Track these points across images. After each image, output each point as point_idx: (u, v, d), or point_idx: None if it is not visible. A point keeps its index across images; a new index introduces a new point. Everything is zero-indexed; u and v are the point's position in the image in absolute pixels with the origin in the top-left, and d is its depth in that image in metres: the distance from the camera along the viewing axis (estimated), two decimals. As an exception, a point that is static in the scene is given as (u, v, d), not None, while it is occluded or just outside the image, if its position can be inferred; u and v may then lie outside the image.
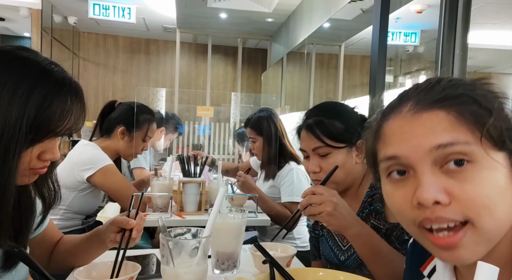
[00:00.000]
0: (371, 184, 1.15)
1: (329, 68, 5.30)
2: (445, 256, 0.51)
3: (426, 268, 0.66)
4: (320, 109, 1.22)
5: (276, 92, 6.19)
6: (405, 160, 0.53)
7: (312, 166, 1.15)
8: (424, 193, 0.49)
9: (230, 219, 1.12)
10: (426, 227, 0.51)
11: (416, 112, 0.54)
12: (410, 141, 0.53)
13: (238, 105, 5.82)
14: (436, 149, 0.50)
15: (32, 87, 0.72)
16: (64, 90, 0.76)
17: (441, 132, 0.51)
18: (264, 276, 0.76)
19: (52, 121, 0.74)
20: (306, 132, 1.16)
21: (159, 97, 5.65)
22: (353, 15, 3.74)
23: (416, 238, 0.55)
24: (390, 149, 0.55)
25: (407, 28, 4.04)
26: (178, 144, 5.71)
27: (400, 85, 4.09)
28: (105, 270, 0.93)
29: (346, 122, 1.15)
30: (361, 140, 1.14)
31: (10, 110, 0.69)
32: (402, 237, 1.02)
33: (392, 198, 0.56)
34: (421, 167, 0.51)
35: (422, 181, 0.51)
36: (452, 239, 0.49)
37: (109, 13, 5.62)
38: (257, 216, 1.88)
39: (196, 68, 7.60)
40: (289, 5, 4.83)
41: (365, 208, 1.14)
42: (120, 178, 1.82)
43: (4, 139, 0.68)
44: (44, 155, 0.78)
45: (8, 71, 0.71)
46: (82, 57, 7.31)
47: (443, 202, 0.49)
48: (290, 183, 2.05)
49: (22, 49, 0.76)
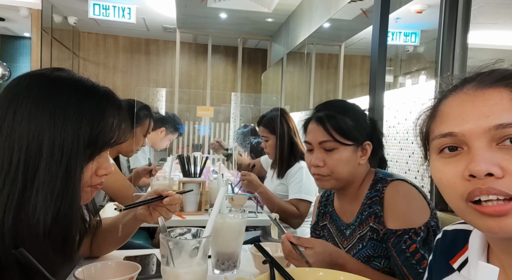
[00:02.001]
0: (371, 185, 1.15)
1: (329, 68, 5.30)
2: (492, 225, 0.50)
3: (456, 261, 0.65)
4: (331, 105, 1.21)
5: (276, 92, 6.19)
6: (461, 137, 0.52)
7: (316, 159, 1.13)
8: (477, 165, 0.49)
9: (230, 219, 1.12)
10: (475, 199, 0.50)
11: (478, 88, 0.53)
12: (469, 118, 0.52)
13: (238, 105, 5.83)
14: (496, 128, 0.50)
15: (82, 105, 0.73)
16: (110, 102, 0.79)
17: (501, 112, 0.50)
18: (264, 276, 0.76)
19: (106, 133, 0.76)
20: (316, 124, 1.15)
21: (159, 97, 5.66)
22: (353, 15, 3.74)
23: (461, 214, 0.54)
24: (446, 125, 0.55)
25: (407, 28, 4.04)
26: (178, 144, 5.72)
27: (400, 85, 4.09)
28: (105, 270, 0.93)
29: (356, 120, 1.15)
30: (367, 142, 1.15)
31: (66, 130, 0.70)
32: (400, 246, 1.00)
33: (441, 173, 0.55)
34: (477, 143, 0.51)
35: (477, 154, 0.50)
36: (501, 207, 0.48)
37: (109, 13, 5.61)
38: (257, 216, 1.88)
39: (196, 68, 7.60)
40: (289, 5, 4.83)
41: (364, 210, 1.13)
42: (120, 178, 1.83)
43: (65, 156, 0.69)
44: (100, 170, 0.80)
45: (55, 94, 0.72)
46: (82, 57, 7.31)
47: (497, 174, 0.48)
48: (299, 180, 2.07)
49: (57, 70, 0.77)
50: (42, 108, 0.70)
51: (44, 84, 0.73)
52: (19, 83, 0.73)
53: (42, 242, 0.68)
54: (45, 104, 0.70)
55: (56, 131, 0.69)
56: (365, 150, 1.15)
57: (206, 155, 3.96)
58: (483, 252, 0.59)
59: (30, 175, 0.67)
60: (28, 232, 0.67)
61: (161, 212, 1.08)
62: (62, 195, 0.69)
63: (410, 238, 1.00)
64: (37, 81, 0.73)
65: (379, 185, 1.12)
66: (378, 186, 1.12)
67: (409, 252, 0.99)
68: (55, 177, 0.68)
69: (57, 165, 0.68)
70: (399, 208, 1.05)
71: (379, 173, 1.17)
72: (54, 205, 0.68)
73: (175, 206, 1.10)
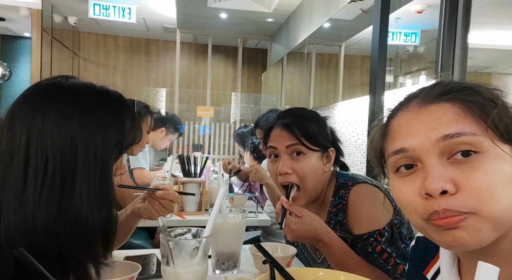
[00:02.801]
0: (334, 192, 1.14)
1: (329, 68, 5.30)
2: (448, 239, 0.51)
3: (429, 272, 0.66)
4: (294, 112, 1.20)
5: (276, 92, 6.19)
6: (412, 153, 0.54)
7: (284, 166, 1.08)
8: (432, 183, 0.50)
9: (230, 219, 1.12)
10: (433, 220, 0.51)
11: (422, 105, 0.55)
12: (417, 133, 0.54)
13: (238, 105, 5.83)
14: (443, 139, 0.51)
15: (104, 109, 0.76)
16: (126, 103, 0.81)
17: (447, 124, 0.52)
18: (264, 276, 0.76)
19: (129, 133, 0.79)
20: (281, 130, 1.12)
21: (159, 97, 5.66)
22: (353, 15, 3.74)
23: (421, 231, 0.56)
24: (397, 142, 0.56)
25: (407, 28, 4.04)
26: (178, 144, 5.71)
27: (400, 85, 4.09)
28: (105, 270, 0.93)
29: (320, 127, 1.14)
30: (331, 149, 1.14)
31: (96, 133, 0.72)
32: (366, 250, 1.01)
33: (400, 192, 0.56)
34: (429, 158, 0.52)
35: (430, 171, 0.51)
36: (453, 218, 0.50)
37: (109, 13, 5.62)
38: (257, 216, 1.89)
39: (196, 68, 7.60)
40: (289, 5, 4.83)
41: (331, 219, 1.12)
42: (122, 177, 1.83)
43: (99, 158, 0.72)
44: (118, 170, 0.83)
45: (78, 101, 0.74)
46: (82, 57, 7.31)
47: (450, 191, 0.49)
48: None
49: (69, 77, 0.79)
50: (70, 115, 0.71)
51: (65, 92, 0.75)
52: (39, 92, 0.75)
53: (92, 242, 0.71)
54: (72, 111, 0.72)
55: (88, 135, 0.71)
56: (329, 157, 1.14)
57: (206, 155, 3.97)
58: (454, 262, 0.61)
59: (70, 180, 0.69)
60: (76, 233, 0.68)
61: (154, 205, 1.08)
62: (103, 194, 0.72)
63: (375, 240, 1.01)
64: (57, 89, 0.75)
65: (342, 191, 1.11)
66: (341, 192, 1.11)
67: (376, 252, 1.00)
68: (93, 178, 0.71)
69: (94, 166, 0.71)
70: (362, 212, 1.05)
71: (340, 177, 1.16)
72: (98, 204, 0.70)
73: (170, 202, 1.09)
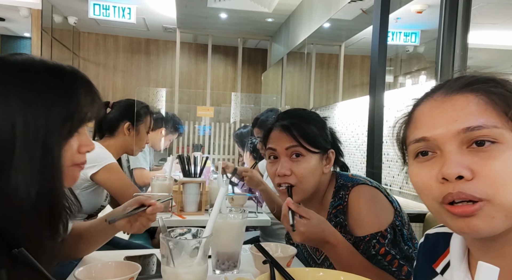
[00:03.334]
0: (334, 193, 1.13)
1: (329, 68, 5.30)
2: (462, 225, 0.52)
3: (439, 265, 0.67)
4: (293, 113, 1.19)
5: (276, 92, 6.19)
6: (433, 142, 0.55)
7: (283, 168, 1.07)
8: (449, 168, 0.52)
9: (230, 219, 1.12)
10: (448, 202, 0.53)
11: (446, 95, 0.57)
12: (439, 124, 0.55)
13: (238, 105, 5.82)
14: (464, 131, 0.52)
15: (50, 83, 0.74)
16: (79, 79, 0.79)
17: (469, 116, 0.53)
18: (264, 276, 0.76)
19: (80, 109, 0.76)
20: (280, 132, 1.11)
21: (159, 97, 5.66)
22: (353, 15, 3.74)
23: (435, 215, 0.57)
24: (419, 131, 0.58)
25: (407, 28, 4.04)
26: (178, 144, 5.71)
27: (400, 85, 4.09)
28: (105, 270, 0.93)
29: (320, 129, 1.14)
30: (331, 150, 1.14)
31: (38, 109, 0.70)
32: (370, 252, 1.00)
33: (417, 177, 0.58)
34: (448, 146, 0.54)
35: (448, 157, 0.53)
36: (468, 207, 0.51)
37: (109, 13, 5.62)
38: (257, 216, 1.88)
39: (196, 68, 7.60)
40: (289, 5, 4.83)
41: (331, 220, 1.11)
42: (123, 176, 1.83)
43: (40, 135, 0.70)
44: (82, 147, 0.81)
45: (21, 76, 0.72)
46: (82, 57, 7.31)
47: (466, 176, 0.51)
48: None
49: (17, 54, 0.77)
50: (9, 92, 0.69)
51: (7, 68, 0.73)
52: None
53: (29, 219, 0.69)
54: (12, 87, 0.70)
55: (27, 112, 0.69)
56: (329, 158, 1.14)
57: (206, 155, 3.96)
58: (464, 255, 0.62)
59: (6, 157, 0.67)
60: (12, 210, 0.67)
61: (142, 221, 1.07)
62: (43, 173, 0.70)
63: (378, 242, 1.00)
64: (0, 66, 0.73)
65: (341, 192, 1.11)
66: (341, 193, 1.11)
67: (379, 255, 0.99)
68: (32, 156, 0.69)
69: (33, 144, 0.69)
70: (363, 214, 1.05)
71: (340, 178, 1.15)
72: (36, 182, 0.69)
73: (155, 215, 1.08)
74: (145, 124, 2.05)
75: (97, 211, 1.92)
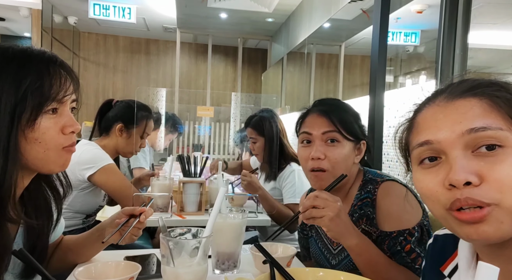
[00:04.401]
0: (360, 186, 1.13)
1: (329, 68, 5.30)
2: (470, 232, 0.51)
3: (446, 268, 0.66)
4: (330, 101, 1.20)
5: (276, 92, 6.19)
6: (437, 145, 0.54)
7: (317, 152, 1.07)
8: (456, 174, 0.51)
9: (230, 219, 1.12)
10: (456, 209, 0.52)
11: (449, 100, 0.56)
12: (442, 126, 0.54)
13: (238, 105, 5.82)
14: (469, 133, 0.52)
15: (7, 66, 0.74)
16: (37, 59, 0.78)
17: (473, 118, 0.52)
18: (265, 276, 0.76)
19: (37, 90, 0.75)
20: (318, 116, 1.11)
21: (159, 97, 5.65)
22: (353, 15, 3.74)
23: (443, 221, 0.56)
24: (423, 135, 0.57)
25: (407, 28, 4.04)
26: (178, 144, 5.71)
27: (400, 85, 4.09)
28: (105, 270, 0.93)
29: (355, 118, 1.15)
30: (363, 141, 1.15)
31: None
32: (395, 248, 1.00)
33: (422, 183, 0.57)
34: (453, 150, 0.53)
35: (455, 163, 0.52)
36: (477, 213, 0.50)
37: (109, 13, 5.62)
38: (257, 216, 1.88)
39: (196, 68, 7.60)
40: (289, 5, 4.83)
41: (355, 211, 1.11)
42: (120, 177, 1.83)
43: None
44: (67, 128, 0.80)
45: None
46: (82, 57, 7.31)
47: (474, 182, 0.50)
48: (292, 184, 2.04)
49: None
50: None
51: None
52: None
53: None
54: None
55: None
56: (360, 149, 1.14)
57: (206, 155, 3.97)
58: (472, 260, 0.61)
59: None
60: None
61: (133, 232, 1.06)
62: None
63: (405, 239, 1.00)
64: None
65: (369, 186, 1.10)
66: (369, 187, 1.10)
67: (404, 252, 0.99)
68: None
69: None
70: (392, 209, 1.04)
71: (368, 173, 1.16)
72: None
73: (145, 223, 1.08)
74: (139, 129, 1.99)
75: (95, 211, 1.92)
